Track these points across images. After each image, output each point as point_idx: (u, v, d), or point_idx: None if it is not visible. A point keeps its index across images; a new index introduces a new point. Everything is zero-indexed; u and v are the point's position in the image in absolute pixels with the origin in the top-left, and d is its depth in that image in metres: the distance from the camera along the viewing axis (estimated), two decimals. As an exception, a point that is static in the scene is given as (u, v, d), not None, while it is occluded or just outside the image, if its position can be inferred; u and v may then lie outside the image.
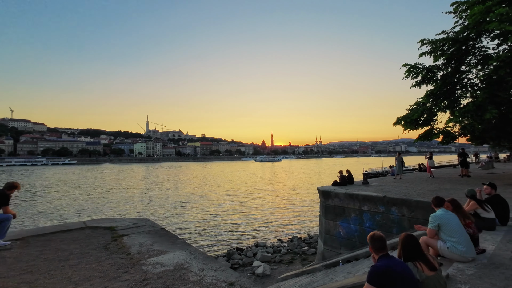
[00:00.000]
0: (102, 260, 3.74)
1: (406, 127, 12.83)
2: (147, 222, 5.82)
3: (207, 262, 3.59)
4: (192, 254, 3.90)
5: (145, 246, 4.28)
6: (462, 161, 13.91)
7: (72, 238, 4.77)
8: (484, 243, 4.26)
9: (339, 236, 10.66)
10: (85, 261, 3.71)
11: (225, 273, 3.27)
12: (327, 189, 11.29)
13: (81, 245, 4.41)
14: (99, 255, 3.95)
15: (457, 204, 4.16)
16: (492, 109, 9.51)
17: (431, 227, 3.80)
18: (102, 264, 3.59)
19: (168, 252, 4.00)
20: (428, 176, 14.67)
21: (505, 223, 5.25)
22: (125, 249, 4.14)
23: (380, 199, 9.36)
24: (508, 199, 7.88)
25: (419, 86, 12.72)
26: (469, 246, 3.53)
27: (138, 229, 5.33)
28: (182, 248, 4.18)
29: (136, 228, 5.41)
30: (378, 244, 2.39)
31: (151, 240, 4.62)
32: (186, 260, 3.68)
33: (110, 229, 5.33)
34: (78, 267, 3.51)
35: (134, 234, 4.96)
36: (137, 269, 3.42)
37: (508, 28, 8.24)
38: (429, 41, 11.69)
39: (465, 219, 4.03)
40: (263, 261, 12.49)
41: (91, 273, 3.31)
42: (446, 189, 10.25)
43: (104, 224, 5.67)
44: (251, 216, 22.08)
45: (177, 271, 3.35)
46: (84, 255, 3.93)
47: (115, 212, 22.49)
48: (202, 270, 3.35)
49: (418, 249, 2.60)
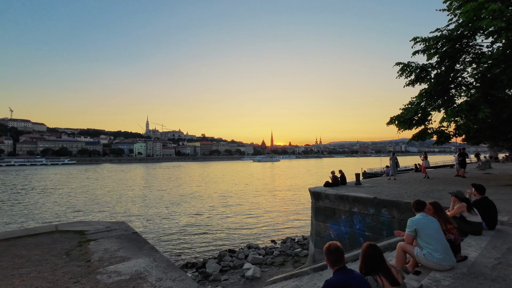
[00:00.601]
0: (57, 268, 3.51)
1: (400, 127, 12.58)
2: (122, 226, 5.59)
3: (168, 271, 3.36)
4: (155, 262, 3.67)
5: (109, 252, 4.05)
6: (461, 161, 13.74)
7: (36, 243, 4.55)
8: (468, 250, 4.03)
9: (329, 239, 10.41)
10: (39, 269, 3.48)
11: (182, 283, 3.04)
12: (317, 190, 11.04)
13: (43, 251, 4.19)
14: (57, 262, 3.72)
15: (438, 207, 3.92)
16: (485, 108, 9.27)
17: (408, 232, 3.56)
18: (55, 273, 3.36)
19: (131, 259, 3.77)
20: (423, 176, 14.44)
21: (493, 227, 5.01)
22: (87, 256, 3.92)
23: (370, 200, 9.12)
24: (500, 200, 7.68)
25: (412, 85, 12.48)
26: (447, 253, 3.29)
27: (110, 233, 5.10)
28: (148, 254, 3.95)
29: (108, 232, 5.19)
30: (334, 257, 2.16)
31: (118, 245, 4.39)
32: (146, 269, 3.45)
33: (80, 233, 5.11)
34: (29, 276, 3.28)
35: (103, 239, 4.74)
36: (90, 278, 3.19)
37: (500, 25, 8.00)
38: (422, 39, 11.44)
39: (447, 224, 3.80)
40: (254, 263, 12.27)
41: (39, 283, 3.09)
42: (439, 190, 10.01)
43: (76, 228, 5.44)
44: (245, 217, 21.87)
45: (133, 281, 3.12)
46: (40, 263, 3.71)
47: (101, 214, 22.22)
48: (159, 280, 3.12)
49: (381, 261, 2.36)
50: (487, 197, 5.16)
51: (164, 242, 15.86)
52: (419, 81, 12.30)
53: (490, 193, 8.85)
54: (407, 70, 12.15)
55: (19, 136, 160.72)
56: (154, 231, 17.88)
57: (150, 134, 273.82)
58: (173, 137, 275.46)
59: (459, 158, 13.79)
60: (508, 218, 5.71)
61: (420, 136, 12.59)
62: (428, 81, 12.23)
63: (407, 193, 9.69)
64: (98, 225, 5.70)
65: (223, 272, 11.49)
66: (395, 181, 13.29)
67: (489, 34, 9.91)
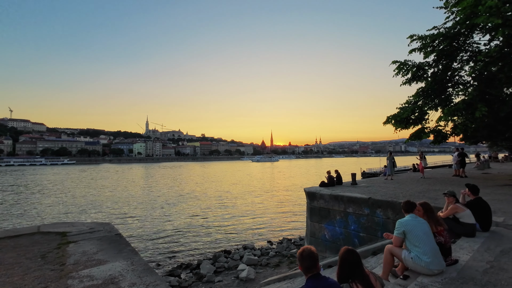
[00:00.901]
0: (29, 272, 3.36)
1: (396, 126, 12.42)
2: (106, 227, 5.44)
3: (144, 276, 3.21)
4: (132, 265, 3.52)
5: (87, 255, 3.90)
6: (461, 161, 13.63)
7: (14, 245, 4.39)
8: (459, 252, 3.87)
9: (324, 239, 10.28)
10: (10, 273, 3.33)
11: (156, 289, 2.88)
12: (312, 190, 10.91)
13: (19, 253, 4.03)
14: (30, 265, 3.57)
15: (428, 208, 3.76)
16: (482, 107, 9.11)
17: (396, 234, 3.41)
18: (25, 277, 3.21)
19: (108, 262, 3.62)
20: (420, 176, 14.30)
21: (487, 229, 4.85)
22: (63, 259, 3.77)
23: (365, 200, 8.98)
24: (496, 200, 7.52)
25: (409, 84, 12.32)
26: (435, 257, 3.14)
27: (92, 235, 4.95)
28: (126, 257, 3.80)
29: (91, 233, 5.04)
30: (307, 263, 2.01)
31: (98, 247, 4.24)
32: (121, 273, 3.29)
33: (62, 234, 4.96)
34: (-3, 280, 3.13)
35: (83, 241, 4.58)
36: (61, 283, 3.03)
37: (497, 22, 7.83)
38: (419, 36, 11.28)
39: (437, 226, 3.64)
40: (249, 264, 12.12)
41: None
42: (435, 190, 9.86)
43: (58, 229, 5.29)
44: (242, 217, 21.71)
45: (105, 286, 2.97)
46: (13, 266, 3.55)
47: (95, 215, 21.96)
48: (132, 285, 2.97)
49: (358, 267, 2.21)
50: (481, 198, 5.00)
51: (158, 243, 15.71)
52: (415, 79, 12.13)
53: (486, 193, 8.72)
54: (404, 68, 11.99)
55: (19, 136, 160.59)
56: (148, 232, 17.72)
57: (150, 134, 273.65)
58: (173, 137, 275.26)
59: (459, 158, 13.68)
60: (504, 219, 5.56)
61: (417, 135, 12.43)
62: (425, 80, 12.07)
63: (403, 193, 9.54)
64: (82, 226, 5.55)
65: (217, 273, 11.34)
66: (391, 181, 13.14)
67: (486, 31, 9.74)
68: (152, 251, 14.36)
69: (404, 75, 12.16)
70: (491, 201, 7.44)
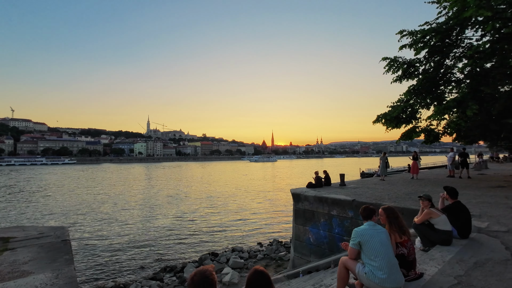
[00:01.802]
0: None
1: (387, 125, 11.97)
2: (57, 232, 5.07)
3: (60, 291, 2.83)
4: (55, 279, 3.14)
5: (16, 265, 3.53)
6: (462, 161, 13.19)
7: None
8: (428, 264, 3.46)
9: (308, 243, 9.85)
10: None
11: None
12: (298, 192, 10.47)
13: None
14: None
15: (391, 212, 3.32)
16: (473, 105, 8.66)
17: (351, 245, 2.99)
18: None
19: (31, 274, 3.25)
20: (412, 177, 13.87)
21: (466, 236, 4.42)
22: (-15, 270, 3.39)
23: (349, 203, 8.55)
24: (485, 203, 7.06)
25: (400, 81, 11.86)
26: (392, 272, 2.72)
27: (39, 240, 4.59)
28: (56, 268, 3.42)
29: (37, 239, 4.67)
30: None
31: (33, 255, 3.87)
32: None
33: (4, 240, 4.59)
34: None
35: (23, 248, 4.21)
36: (-41, 301, 2.66)
37: (486, 14, 7.39)
38: (409, 32, 10.83)
39: (401, 235, 3.23)
40: (235, 268, 11.76)
41: None
42: (424, 192, 9.40)
43: (5, 234, 4.92)
44: (233, 218, 21.30)
45: (9, 304, 2.59)
46: None
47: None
48: (39, 304, 2.58)
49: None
50: (460, 202, 4.57)
51: (143, 245, 15.33)
52: (406, 77, 11.68)
53: (477, 195, 8.27)
54: (394, 65, 11.54)
55: (20, 136, 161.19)
56: (133, 234, 17.35)
57: (151, 134, 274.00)
58: (174, 137, 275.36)
59: (461, 158, 13.25)
60: (488, 224, 5.12)
61: (408, 135, 11.97)
62: (416, 77, 11.62)
63: (389, 195, 9.11)
64: (33, 231, 5.18)
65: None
66: (382, 182, 12.71)
67: (477, 24, 9.27)
68: (134, 254, 13.97)
69: (394, 72, 11.72)
70: (480, 204, 7.02)
